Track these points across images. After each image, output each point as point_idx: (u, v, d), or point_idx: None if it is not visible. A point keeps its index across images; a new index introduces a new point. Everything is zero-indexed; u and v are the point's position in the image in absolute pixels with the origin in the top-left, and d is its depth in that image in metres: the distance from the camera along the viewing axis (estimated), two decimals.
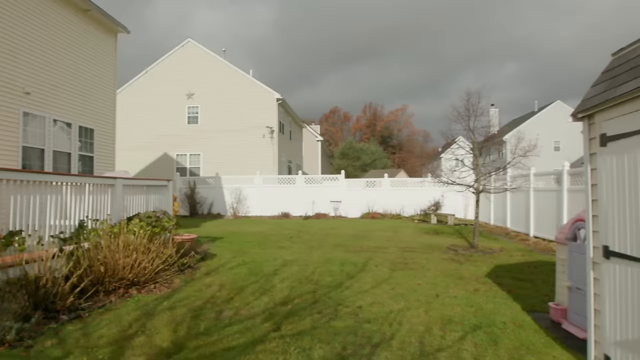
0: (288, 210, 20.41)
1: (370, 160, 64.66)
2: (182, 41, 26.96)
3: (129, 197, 7.77)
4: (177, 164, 26.00)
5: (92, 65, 13.11)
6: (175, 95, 26.36)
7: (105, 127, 13.71)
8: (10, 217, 4.97)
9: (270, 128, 25.38)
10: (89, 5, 12.52)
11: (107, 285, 5.59)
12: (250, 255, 8.99)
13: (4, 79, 9.89)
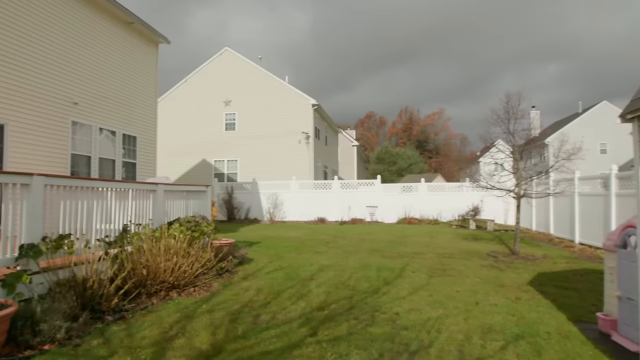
0: (324, 216, 20.44)
1: (407, 165, 63.95)
2: (220, 50, 27.63)
3: (170, 202, 7.99)
4: (215, 170, 26.56)
5: (134, 75, 13.61)
6: (213, 103, 27.00)
7: (147, 134, 14.18)
8: (60, 221, 5.21)
9: (306, 134, 25.56)
10: (133, 18, 13.03)
11: (149, 288, 5.76)
12: (287, 260, 9.05)
13: (55, 91, 10.42)
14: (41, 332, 3.91)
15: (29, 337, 3.85)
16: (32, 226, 4.75)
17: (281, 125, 25.90)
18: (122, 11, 12.60)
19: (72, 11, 11.08)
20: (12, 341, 3.84)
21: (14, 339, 3.85)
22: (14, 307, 3.80)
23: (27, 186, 4.73)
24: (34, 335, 3.89)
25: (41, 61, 10.09)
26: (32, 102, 9.80)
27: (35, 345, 3.83)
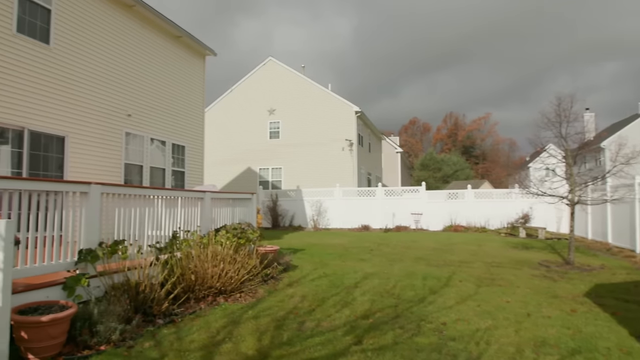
0: (368, 223, 20.31)
1: (452, 171, 62.53)
2: (264, 60, 28.20)
3: (217, 209, 8.20)
4: (260, 178, 27.02)
5: (183, 86, 14.13)
6: (257, 112, 27.56)
7: (195, 144, 14.65)
8: (115, 228, 5.47)
9: (349, 141, 25.56)
10: (181, 32, 13.56)
11: (197, 293, 5.92)
12: (331, 267, 9.05)
13: (111, 104, 10.99)
14: (98, 333, 4.10)
15: (87, 337, 4.05)
16: (90, 232, 5.02)
17: (324, 132, 26.05)
18: (171, 26, 13.14)
19: (125, 27, 11.67)
20: (72, 341, 4.05)
21: (73, 338, 4.06)
22: (73, 309, 4.01)
23: (85, 194, 5.00)
24: (92, 336, 4.08)
25: (98, 76, 10.68)
26: (90, 115, 10.37)
27: (92, 345, 4.02)
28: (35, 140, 9.00)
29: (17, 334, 3.67)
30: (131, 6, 11.74)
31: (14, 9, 8.68)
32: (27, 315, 3.77)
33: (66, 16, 9.86)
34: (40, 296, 4.31)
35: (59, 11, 9.69)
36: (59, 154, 9.56)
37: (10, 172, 8.50)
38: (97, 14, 10.72)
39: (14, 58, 8.67)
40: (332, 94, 26.74)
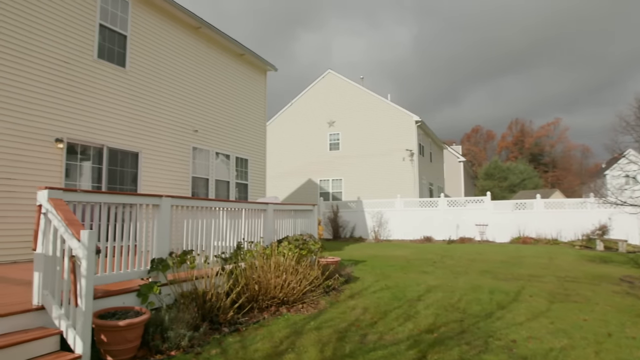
0: (430, 234, 19.83)
1: (519, 180, 59.58)
2: (323, 73, 28.61)
3: (279, 221, 8.36)
4: (321, 189, 27.26)
5: (246, 102, 14.63)
6: (317, 124, 27.93)
7: (258, 157, 15.08)
8: (184, 238, 5.74)
9: (409, 151, 25.20)
10: (243, 50, 14.10)
11: (260, 303, 6.04)
12: (393, 279, 8.91)
13: (179, 121, 11.61)
14: (169, 339, 4.30)
15: (159, 342, 4.26)
16: (161, 242, 5.30)
17: (384, 143, 25.89)
18: (234, 44, 13.71)
19: (192, 48, 12.33)
20: (145, 345, 4.28)
21: (146, 343, 4.28)
22: (147, 315, 4.24)
23: (157, 207, 5.30)
24: (163, 341, 4.29)
25: (168, 95, 11.34)
26: (160, 132, 11.01)
27: (163, 350, 4.22)
28: (112, 157, 9.69)
29: (98, 337, 3.94)
30: (197, 28, 12.39)
31: (95, 36, 9.45)
32: (106, 319, 4.03)
33: (140, 41, 10.58)
34: (117, 302, 4.59)
35: (134, 36, 10.42)
36: (134, 168, 10.20)
37: (91, 186, 9.19)
38: (166, 37, 11.42)
39: (95, 82, 9.42)
40: (391, 104, 26.55)
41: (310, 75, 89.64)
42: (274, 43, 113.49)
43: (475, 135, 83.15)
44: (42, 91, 8.37)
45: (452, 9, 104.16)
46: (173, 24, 11.68)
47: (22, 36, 8.10)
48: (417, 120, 25.45)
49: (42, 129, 8.30)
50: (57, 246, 4.01)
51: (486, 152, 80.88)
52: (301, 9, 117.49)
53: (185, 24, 12.07)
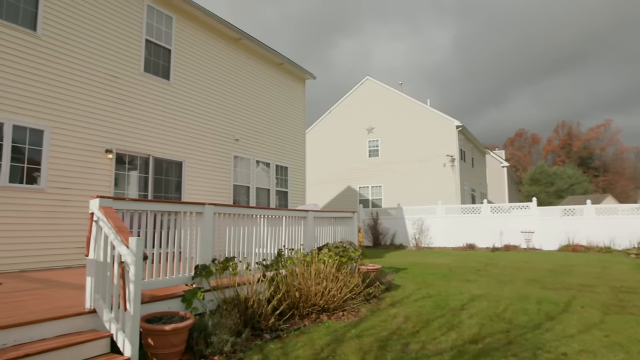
0: (473, 242, 19.32)
1: (567, 185, 57.17)
2: (361, 79, 28.60)
3: (319, 228, 8.39)
4: (360, 196, 27.16)
5: (285, 110, 14.82)
6: (356, 131, 27.91)
7: (297, 164, 15.21)
8: (226, 245, 5.85)
9: (450, 156, 24.74)
10: (282, 60, 14.31)
11: (301, 310, 6.06)
12: (435, 287, 8.74)
13: (221, 130, 11.90)
14: (212, 344, 4.38)
15: (202, 347, 4.35)
16: (204, 249, 5.43)
17: (424, 149, 25.54)
18: (273, 54, 13.94)
19: (232, 59, 12.64)
20: (190, 350, 4.37)
21: (191, 348, 4.38)
22: (191, 320, 4.34)
23: (200, 214, 5.44)
24: (206, 346, 4.38)
25: (209, 105, 11.65)
26: (203, 141, 11.32)
27: (207, 355, 4.31)
28: (158, 166, 10.03)
29: (145, 341, 4.07)
30: (237, 39, 12.70)
31: (141, 51, 9.87)
32: (153, 323, 4.16)
33: (183, 53, 10.95)
34: (163, 307, 4.73)
35: (178, 50, 10.80)
36: (178, 177, 10.53)
37: (138, 194, 9.55)
38: (208, 49, 11.76)
39: (141, 94, 9.81)
40: (431, 109, 26.19)
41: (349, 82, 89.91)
42: (312, 51, 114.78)
43: (519, 139, 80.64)
44: (94, 104, 8.80)
45: (493, 7, 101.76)
46: (214, 36, 12.02)
47: (77, 54, 8.57)
48: (457, 125, 24.97)
49: (93, 141, 8.72)
50: (108, 252, 4.19)
51: (531, 156, 78.23)
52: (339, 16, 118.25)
53: (225, 36, 12.40)
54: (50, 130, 8.03)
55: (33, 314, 3.92)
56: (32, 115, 7.79)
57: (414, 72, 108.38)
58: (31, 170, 7.75)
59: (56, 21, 8.30)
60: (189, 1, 10.81)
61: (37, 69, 7.93)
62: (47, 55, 8.11)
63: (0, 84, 7.41)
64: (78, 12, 8.68)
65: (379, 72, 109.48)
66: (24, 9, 7.86)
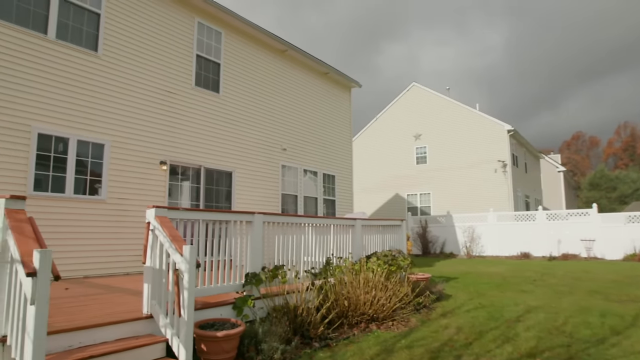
0: (528, 250, 18.52)
1: (631, 190, 53.57)
2: (408, 86, 28.33)
3: (367, 236, 8.34)
4: (408, 204, 26.77)
5: (331, 119, 14.91)
6: (403, 138, 27.62)
7: (344, 173, 15.22)
8: (275, 254, 5.94)
9: (502, 162, 23.94)
10: (327, 69, 14.43)
11: (350, 319, 6.03)
12: (488, 298, 8.44)
13: (269, 140, 12.14)
14: (262, 351, 4.44)
15: (253, 354, 4.42)
16: (254, 257, 5.53)
17: (474, 155, 24.86)
18: (319, 64, 14.09)
19: (278, 70, 12.89)
20: (241, 356, 4.46)
21: (241, 354, 4.46)
22: (242, 327, 4.43)
23: (250, 223, 5.56)
24: (257, 353, 4.44)
25: (257, 116, 11.92)
26: (251, 151, 11.59)
27: None
28: (209, 176, 10.36)
29: (198, 346, 4.18)
30: (283, 51, 12.94)
31: (192, 66, 10.27)
32: (206, 330, 4.28)
33: (231, 66, 11.30)
34: (215, 314, 4.86)
35: (227, 63, 11.16)
36: (228, 186, 10.81)
37: (190, 203, 9.88)
38: (255, 62, 12.06)
39: (193, 108, 10.20)
40: (480, 113, 25.49)
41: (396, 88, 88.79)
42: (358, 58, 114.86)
43: (576, 142, 76.71)
44: (149, 119, 9.24)
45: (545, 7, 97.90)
46: (261, 48, 12.32)
47: (134, 72, 9.05)
48: (509, 130, 24.14)
49: (149, 153, 9.14)
50: (163, 260, 4.36)
51: (590, 160, 74.17)
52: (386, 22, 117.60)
53: (272, 48, 12.67)
54: (110, 144, 8.49)
55: (96, 317, 4.14)
56: (94, 131, 8.28)
57: (462, 76, 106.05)
58: (93, 182, 8.22)
59: (115, 42, 8.80)
60: (237, 16, 11.15)
61: (98, 87, 8.44)
62: (107, 74, 8.61)
63: (66, 102, 7.93)
64: (135, 32, 9.16)
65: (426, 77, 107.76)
66: (87, 32, 8.40)
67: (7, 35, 7.29)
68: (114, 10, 8.83)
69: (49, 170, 7.64)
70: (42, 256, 2.86)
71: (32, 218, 3.50)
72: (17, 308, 3.15)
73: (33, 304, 2.82)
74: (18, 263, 3.06)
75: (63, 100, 7.90)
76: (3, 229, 3.40)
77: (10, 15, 7.39)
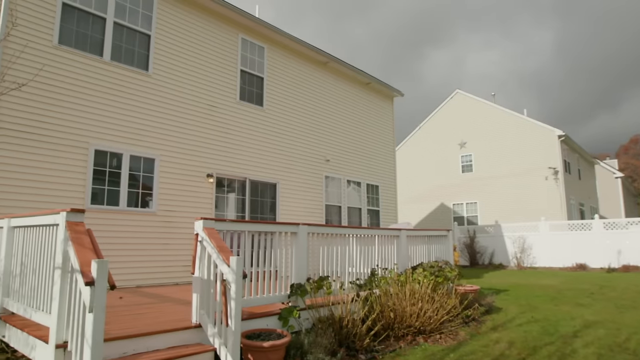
0: (583, 261, 17.59)
1: None
2: (451, 93, 27.85)
3: (412, 247, 8.21)
4: (454, 213, 26.16)
5: (373, 129, 14.87)
6: (447, 146, 27.10)
7: (388, 182, 15.10)
8: (320, 264, 5.95)
9: (553, 169, 22.97)
10: (369, 79, 14.44)
11: (396, 331, 5.94)
12: (541, 311, 8.08)
13: (312, 151, 12.26)
14: None
15: None
16: (299, 268, 5.57)
17: (523, 162, 24.01)
18: (360, 74, 14.12)
19: (320, 82, 13.03)
20: None
21: None
22: (288, 338, 4.46)
23: (295, 234, 5.61)
24: None
25: (300, 128, 12.08)
26: (295, 163, 11.73)
27: None
28: (254, 188, 10.56)
29: (245, 356, 4.24)
30: (325, 63, 13.08)
31: (237, 81, 10.57)
32: (252, 340, 4.33)
33: (274, 80, 11.53)
34: (261, 324, 4.92)
35: (270, 77, 11.41)
36: (272, 198, 10.97)
37: (235, 215, 10.10)
38: (297, 74, 12.25)
39: (237, 121, 10.46)
40: (528, 119, 24.63)
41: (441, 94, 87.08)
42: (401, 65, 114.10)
43: (635, 146, 72.37)
44: (196, 133, 9.56)
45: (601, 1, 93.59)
46: (303, 61, 12.50)
47: (182, 88, 9.42)
48: (560, 135, 23.17)
49: (196, 166, 9.44)
50: (211, 270, 4.46)
51: None
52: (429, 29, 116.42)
53: (313, 60, 12.83)
54: (160, 158, 8.84)
55: (149, 326, 4.29)
56: (145, 146, 8.65)
57: (509, 79, 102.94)
58: (144, 195, 8.57)
59: (164, 60, 9.21)
60: (279, 31, 11.39)
61: (148, 104, 8.83)
62: (157, 92, 9.01)
63: (119, 119, 8.35)
64: (183, 50, 9.55)
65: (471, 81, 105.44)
66: (139, 52, 8.84)
67: (68, 59, 7.79)
68: (163, 30, 9.25)
69: (104, 185, 8.04)
70: (99, 266, 3.01)
71: (90, 230, 3.69)
72: (77, 315, 3.32)
73: (91, 312, 2.97)
74: (77, 272, 3.22)
75: (117, 117, 8.33)
76: (64, 241, 3.60)
77: (71, 40, 7.90)
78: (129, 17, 8.74)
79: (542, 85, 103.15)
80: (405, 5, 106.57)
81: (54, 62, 7.61)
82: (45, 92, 7.45)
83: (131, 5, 8.79)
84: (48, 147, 7.40)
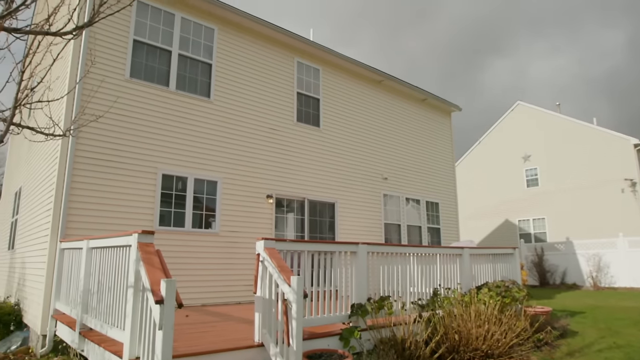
0: None
1: None
2: (512, 105, 26.87)
3: (476, 266, 7.90)
4: (520, 230, 24.93)
5: (431, 145, 14.63)
6: (510, 160, 26.02)
7: (448, 199, 14.72)
8: (380, 284, 5.87)
9: (630, 180, 21.37)
10: (425, 95, 14.29)
11: (462, 354, 5.69)
12: (624, 336, 7.44)
13: (369, 170, 12.26)
14: None
15: None
16: (359, 288, 5.53)
17: (594, 174, 22.52)
18: (416, 90, 14.00)
19: (375, 100, 13.05)
20: None
21: None
22: (350, 359, 4.41)
23: (354, 254, 5.59)
24: None
25: (357, 146, 12.11)
26: (353, 182, 11.74)
27: None
28: (312, 208, 10.66)
29: None
30: (380, 81, 13.11)
31: (293, 103, 10.83)
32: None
33: (330, 100, 11.71)
34: (322, 344, 4.90)
35: (325, 98, 11.60)
36: (331, 217, 11.02)
37: (295, 235, 10.22)
38: (352, 94, 12.36)
39: (295, 143, 10.68)
40: (598, 128, 23.16)
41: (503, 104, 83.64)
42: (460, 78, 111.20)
43: None
44: (256, 155, 9.85)
45: None
46: (357, 80, 12.61)
47: (242, 113, 9.80)
48: (635, 144, 21.57)
49: (256, 188, 9.71)
50: (272, 290, 4.54)
51: None
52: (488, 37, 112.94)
53: (368, 79, 12.90)
54: (222, 180, 9.18)
55: (214, 344, 4.41)
56: (207, 169, 9.03)
57: (576, 86, 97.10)
58: (208, 217, 8.91)
59: (225, 87, 9.64)
60: (333, 52, 11.59)
61: (211, 129, 9.24)
62: (218, 117, 9.41)
63: (185, 144, 8.79)
64: (241, 76, 9.96)
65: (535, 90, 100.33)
66: (201, 81, 9.32)
67: (139, 91, 8.36)
68: (223, 58, 9.71)
69: (171, 207, 8.45)
70: (168, 285, 3.15)
71: (159, 250, 3.89)
72: (148, 332, 3.49)
73: (161, 329, 3.10)
74: (148, 291, 3.40)
75: (182, 142, 8.77)
76: (136, 261, 3.81)
77: (140, 73, 8.49)
78: (192, 48, 9.26)
79: (614, 91, 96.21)
80: (461, 14, 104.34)
81: (126, 94, 8.19)
82: (118, 122, 8.01)
83: (194, 37, 9.32)
84: (122, 172, 7.91)
